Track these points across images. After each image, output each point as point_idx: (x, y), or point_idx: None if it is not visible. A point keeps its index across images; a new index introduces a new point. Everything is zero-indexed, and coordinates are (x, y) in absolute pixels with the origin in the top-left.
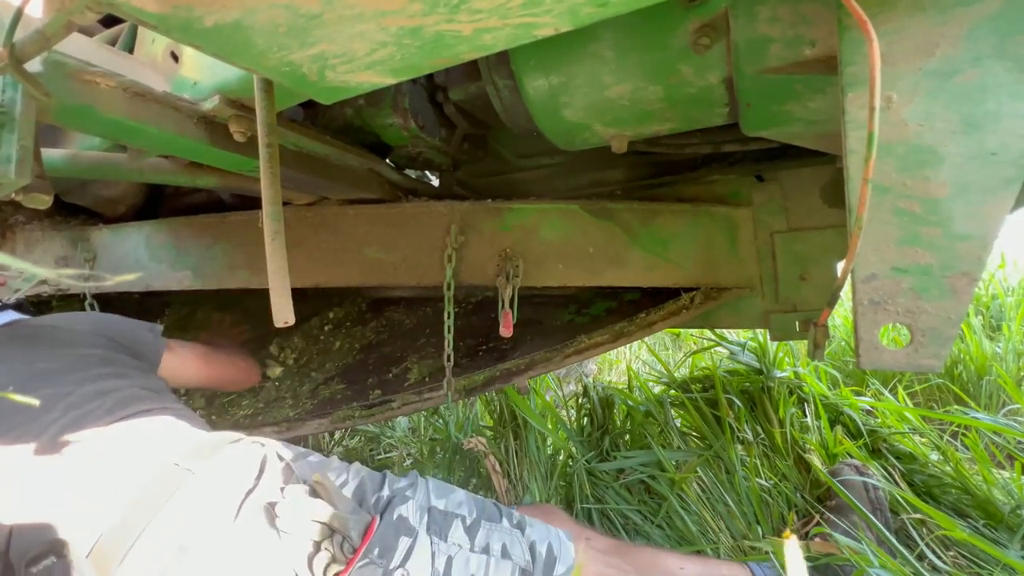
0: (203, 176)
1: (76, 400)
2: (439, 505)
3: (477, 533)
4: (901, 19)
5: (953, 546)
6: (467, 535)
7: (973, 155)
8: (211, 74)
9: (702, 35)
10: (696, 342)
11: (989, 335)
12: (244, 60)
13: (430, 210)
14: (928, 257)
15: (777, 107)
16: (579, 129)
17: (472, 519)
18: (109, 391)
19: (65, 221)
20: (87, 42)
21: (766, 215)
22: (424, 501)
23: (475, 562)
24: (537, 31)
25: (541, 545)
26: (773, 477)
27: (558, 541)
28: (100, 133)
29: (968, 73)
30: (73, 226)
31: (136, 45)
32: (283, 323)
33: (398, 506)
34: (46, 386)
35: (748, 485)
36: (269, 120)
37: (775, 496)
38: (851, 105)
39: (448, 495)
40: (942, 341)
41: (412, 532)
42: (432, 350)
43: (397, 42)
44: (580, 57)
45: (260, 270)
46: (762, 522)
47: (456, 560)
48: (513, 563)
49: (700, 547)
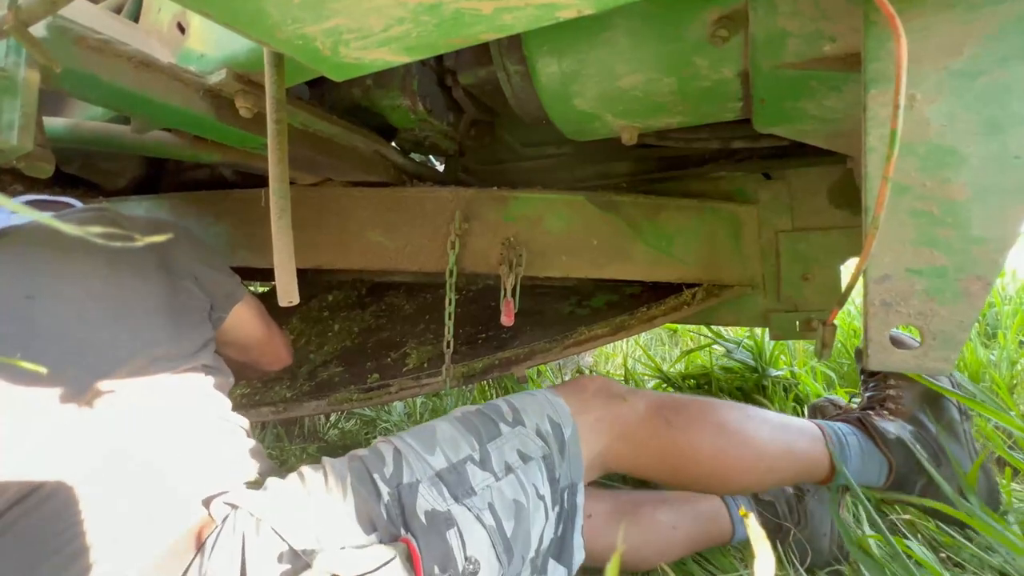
0: (206, 151)
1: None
2: (440, 463)
3: (491, 461)
4: (929, 16)
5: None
6: (485, 471)
7: (995, 158)
8: (218, 47)
9: (720, 27)
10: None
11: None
12: (256, 32)
13: (435, 196)
14: (943, 259)
15: (791, 104)
16: (589, 119)
17: (479, 452)
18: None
19: (64, 192)
20: (93, 8)
21: (772, 214)
22: (426, 471)
23: (508, 488)
24: (559, 12)
25: (543, 423)
26: None
27: (550, 405)
28: (104, 102)
29: (994, 74)
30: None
31: (142, 14)
32: (287, 302)
33: (415, 503)
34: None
35: None
36: (278, 96)
37: None
38: (873, 103)
39: (436, 443)
40: (953, 344)
41: (448, 518)
42: (431, 336)
43: (414, 19)
44: (594, 45)
45: (261, 249)
46: None
47: (495, 502)
48: (534, 459)
49: None
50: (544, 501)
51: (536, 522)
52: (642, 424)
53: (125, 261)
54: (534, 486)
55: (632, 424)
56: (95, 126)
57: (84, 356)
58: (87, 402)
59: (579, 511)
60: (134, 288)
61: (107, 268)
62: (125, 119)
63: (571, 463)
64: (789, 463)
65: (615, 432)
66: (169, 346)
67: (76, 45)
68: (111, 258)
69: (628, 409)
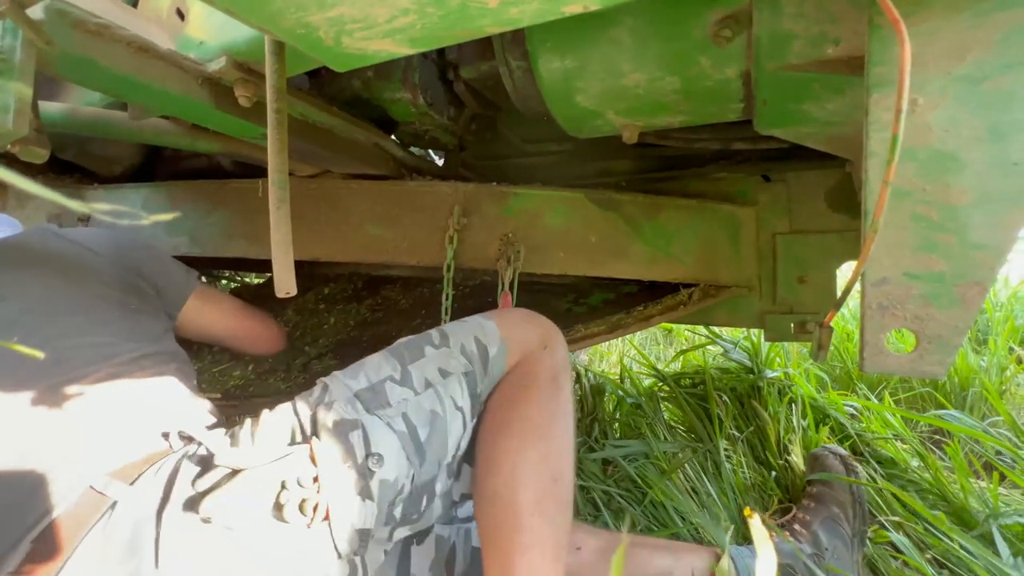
0: (204, 140)
1: (61, 359)
2: (360, 384)
3: (411, 378)
4: (934, 21)
5: (928, 549)
6: (404, 387)
7: (996, 164)
8: (218, 34)
9: (724, 27)
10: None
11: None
12: (258, 19)
13: (434, 190)
14: (942, 265)
15: (794, 106)
16: (591, 116)
17: (400, 371)
18: (101, 359)
19: (59, 178)
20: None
21: (770, 216)
22: (344, 393)
23: (426, 401)
24: (565, 7)
25: (469, 343)
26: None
27: (479, 328)
28: (101, 88)
29: (997, 80)
30: (67, 184)
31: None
32: (284, 293)
33: (326, 416)
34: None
35: (733, 478)
36: (279, 85)
37: (760, 489)
38: (876, 106)
39: (360, 370)
40: (948, 349)
41: (355, 424)
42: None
43: (420, 10)
44: (598, 42)
45: (258, 239)
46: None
47: (410, 412)
48: (455, 375)
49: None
50: (462, 412)
51: (453, 432)
52: (534, 378)
53: (76, 270)
54: (452, 398)
55: (529, 371)
56: (92, 112)
57: (52, 358)
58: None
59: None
60: (88, 293)
61: (61, 277)
62: (122, 105)
63: (494, 377)
64: None
65: (519, 364)
66: (125, 343)
67: (74, 29)
68: (64, 268)
69: (539, 356)
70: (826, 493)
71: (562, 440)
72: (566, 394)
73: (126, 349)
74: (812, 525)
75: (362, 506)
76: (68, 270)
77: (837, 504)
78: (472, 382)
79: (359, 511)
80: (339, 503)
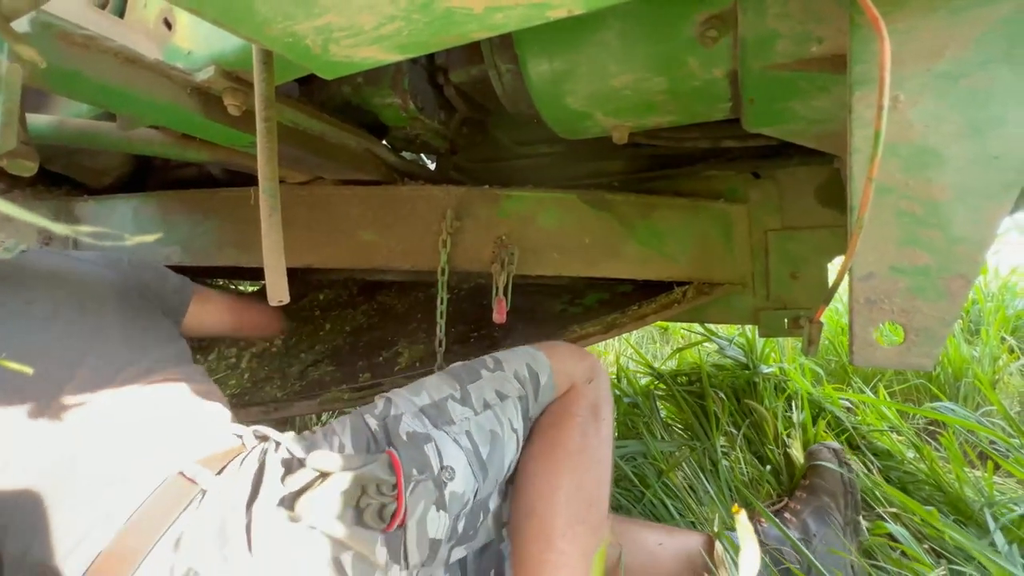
0: (194, 149)
1: (87, 374)
2: (424, 400)
3: (471, 398)
4: (913, 19)
5: (925, 540)
6: (464, 407)
7: (976, 159)
8: (206, 43)
9: (710, 27)
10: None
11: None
12: (245, 29)
13: (426, 194)
14: (926, 258)
15: (780, 104)
16: (581, 118)
17: (459, 391)
18: (124, 365)
19: (48, 191)
20: (77, 3)
21: (761, 213)
22: (410, 407)
23: (486, 420)
24: (550, 12)
25: (521, 369)
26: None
27: (530, 356)
28: (88, 99)
29: (976, 76)
30: (57, 196)
31: (127, 9)
32: (277, 301)
33: (397, 428)
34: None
35: (731, 474)
36: (267, 93)
37: (758, 484)
38: (858, 104)
39: (421, 388)
40: (935, 341)
41: (428, 437)
42: (423, 335)
43: (406, 17)
44: (586, 44)
45: (251, 248)
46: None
47: (472, 430)
48: (511, 398)
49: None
50: (517, 434)
51: (509, 451)
52: (577, 408)
53: (98, 286)
54: (509, 420)
55: (574, 401)
56: (80, 123)
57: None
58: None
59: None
60: (114, 306)
61: (72, 298)
62: (111, 116)
63: (544, 403)
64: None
65: (564, 394)
66: (133, 355)
67: (60, 41)
68: (72, 291)
69: (584, 389)
70: (818, 484)
71: (600, 468)
72: (607, 425)
73: (168, 354)
74: (802, 514)
75: (436, 516)
76: (91, 287)
77: (828, 494)
78: (525, 406)
79: (433, 521)
80: (415, 511)
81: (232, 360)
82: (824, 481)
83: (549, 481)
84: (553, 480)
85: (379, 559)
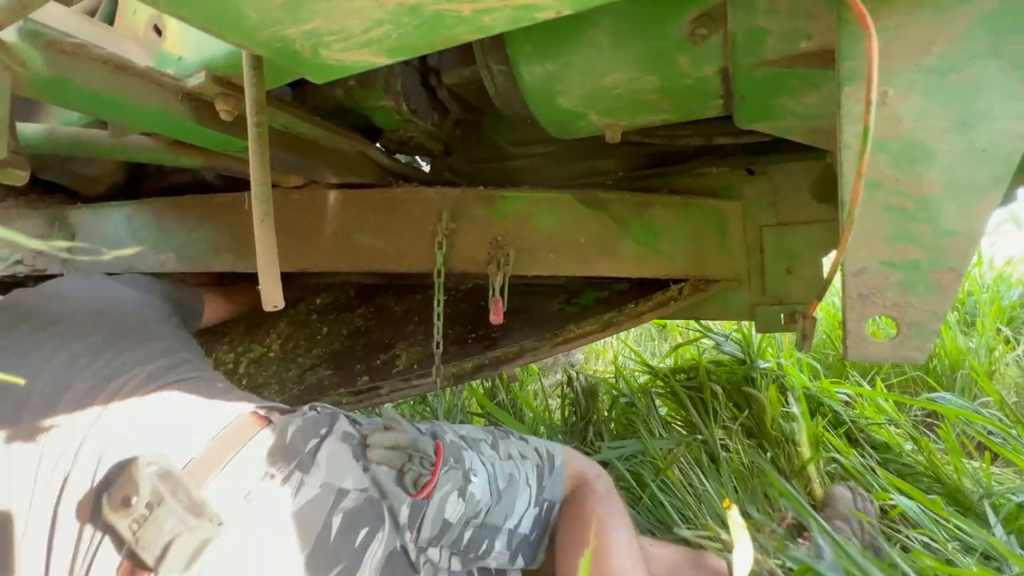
0: (187, 155)
1: (153, 369)
2: (463, 432)
3: (499, 447)
4: (900, 15)
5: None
6: (494, 450)
7: (964, 153)
8: (197, 49)
9: (700, 25)
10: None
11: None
12: (234, 35)
13: (421, 196)
14: (916, 253)
15: (771, 101)
16: (574, 117)
17: (491, 439)
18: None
19: (41, 199)
20: (65, 11)
21: (756, 209)
22: (453, 431)
23: (507, 466)
24: (538, 13)
25: (540, 447)
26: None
27: (546, 443)
28: (79, 107)
29: (963, 71)
30: (50, 205)
31: (117, 16)
32: (272, 307)
33: (443, 435)
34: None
35: (731, 470)
36: (258, 99)
37: (760, 474)
38: (847, 100)
39: (463, 428)
40: (927, 334)
41: (464, 448)
42: (421, 337)
43: (395, 20)
44: (577, 44)
45: (246, 253)
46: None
47: (495, 467)
48: (530, 461)
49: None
50: (531, 490)
51: (520, 499)
52: (592, 486)
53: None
54: (526, 475)
55: (589, 487)
56: (71, 131)
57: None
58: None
59: (548, 530)
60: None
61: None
62: (102, 124)
63: (555, 483)
64: None
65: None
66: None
67: (48, 50)
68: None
69: (593, 480)
70: (832, 513)
71: (629, 534)
72: (620, 507)
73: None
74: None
75: (455, 501)
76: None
77: (841, 519)
78: (540, 475)
79: (452, 504)
80: (442, 489)
81: (230, 366)
82: (837, 511)
83: (597, 536)
84: (601, 536)
85: (401, 519)
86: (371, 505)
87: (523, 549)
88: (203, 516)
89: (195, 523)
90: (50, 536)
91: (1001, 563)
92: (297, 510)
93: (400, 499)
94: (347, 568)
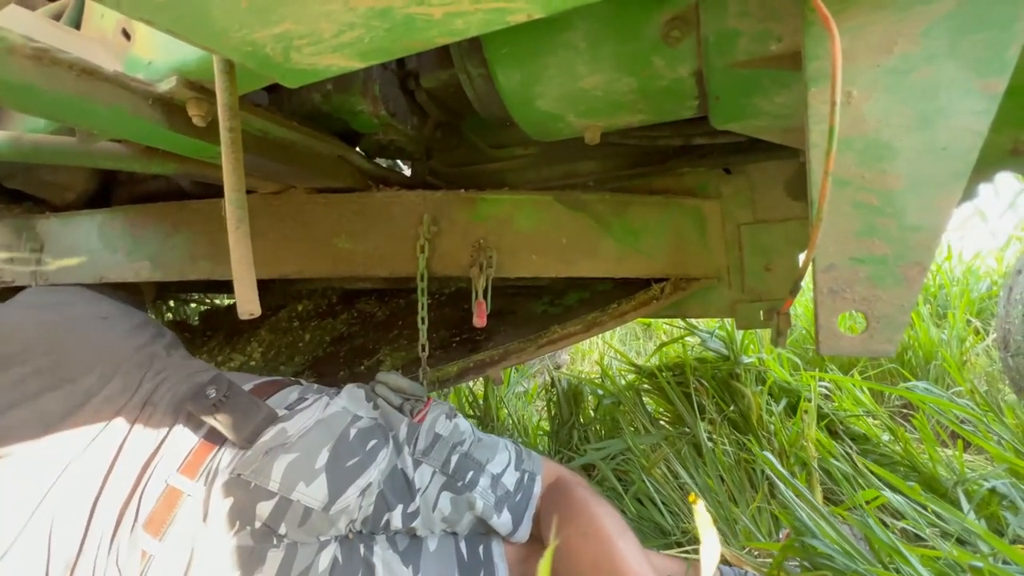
0: (160, 162)
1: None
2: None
3: (481, 430)
4: (862, 16)
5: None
6: (473, 432)
7: (926, 150)
8: (167, 53)
9: (673, 27)
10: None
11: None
12: (202, 39)
13: (402, 199)
14: (884, 248)
15: (744, 101)
16: (552, 120)
17: (474, 431)
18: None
19: (8, 208)
20: (29, 15)
21: (734, 207)
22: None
23: (487, 436)
24: (510, 17)
25: (518, 445)
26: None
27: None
28: (44, 114)
29: (923, 70)
30: (17, 214)
31: (83, 20)
32: (248, 314)
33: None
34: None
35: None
36: (231, 103)
37: (747, 464)
38: (814, 100)
39: None
40: (895, 327)
41: (451, 413)
42: (405, 342)
43: (365, 24)
44: (554, 47)
45: (223, 260)
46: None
47: (479, 433)
48: (508, 442)
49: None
50: (510, 454)
51: (501, 454)
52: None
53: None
54: (504, 443)
55: (569, 477)
56: (37, 138)
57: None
58: None
59: (533, 501)
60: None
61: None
62: (71, 130)
63: (533, 460)
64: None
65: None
66: None
67: (10, 55)
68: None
69: (571, 475)
70: None
71: (617, 517)
72: (605, 501)
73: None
74: None
75: (444, 421)
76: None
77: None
78: (519, 451)
79: (441, 423)
80: (431, 418)
81: None
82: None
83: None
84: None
85: (401, 436)
86: (379, 429)
87: (508, 505)
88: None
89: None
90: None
91: (975, 548)
92: (325, 417)
93: (400, 422)
94: (361, 462)
